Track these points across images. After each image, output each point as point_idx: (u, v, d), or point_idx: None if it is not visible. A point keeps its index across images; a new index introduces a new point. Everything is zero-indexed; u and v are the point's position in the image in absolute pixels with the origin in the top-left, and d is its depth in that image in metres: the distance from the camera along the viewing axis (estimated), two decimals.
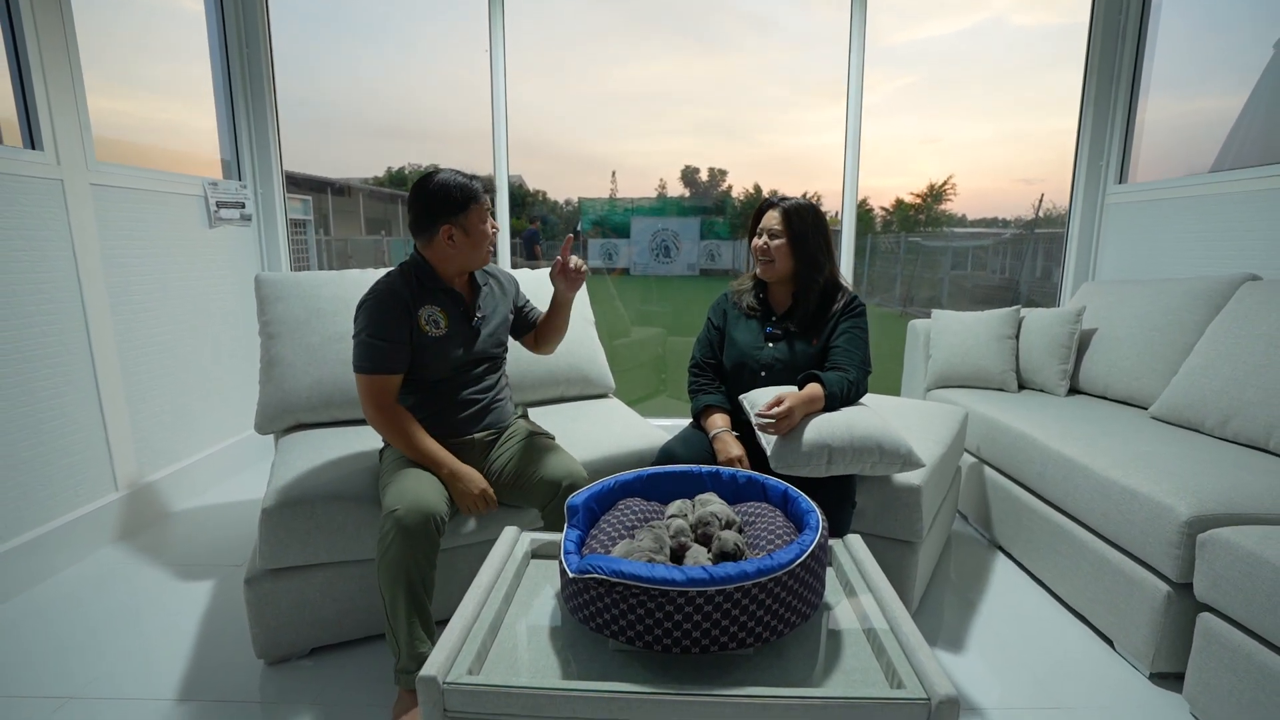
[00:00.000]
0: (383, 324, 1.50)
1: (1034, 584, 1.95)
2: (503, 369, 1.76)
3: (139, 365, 2.34)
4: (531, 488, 1.56)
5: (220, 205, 2.80)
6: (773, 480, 1.35)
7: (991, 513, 2.19)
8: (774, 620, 1.01)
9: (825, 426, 1.50)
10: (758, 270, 1.77)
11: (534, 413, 2.15)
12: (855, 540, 1.34)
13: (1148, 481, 1.53)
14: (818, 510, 1.20)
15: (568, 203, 4.77)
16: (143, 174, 2.38)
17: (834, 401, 1.58)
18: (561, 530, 1.23)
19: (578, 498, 1.28)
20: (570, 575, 1.05)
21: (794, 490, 1.30)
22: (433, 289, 1.57)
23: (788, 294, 1.78)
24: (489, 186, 1.57)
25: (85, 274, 2.10)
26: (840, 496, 1.52)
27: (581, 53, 4.29)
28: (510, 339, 1.79)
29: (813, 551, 1.06)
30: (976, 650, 1.65)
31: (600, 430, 1.98)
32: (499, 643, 1.06)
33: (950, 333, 2.62)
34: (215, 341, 2.74)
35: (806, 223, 1.68)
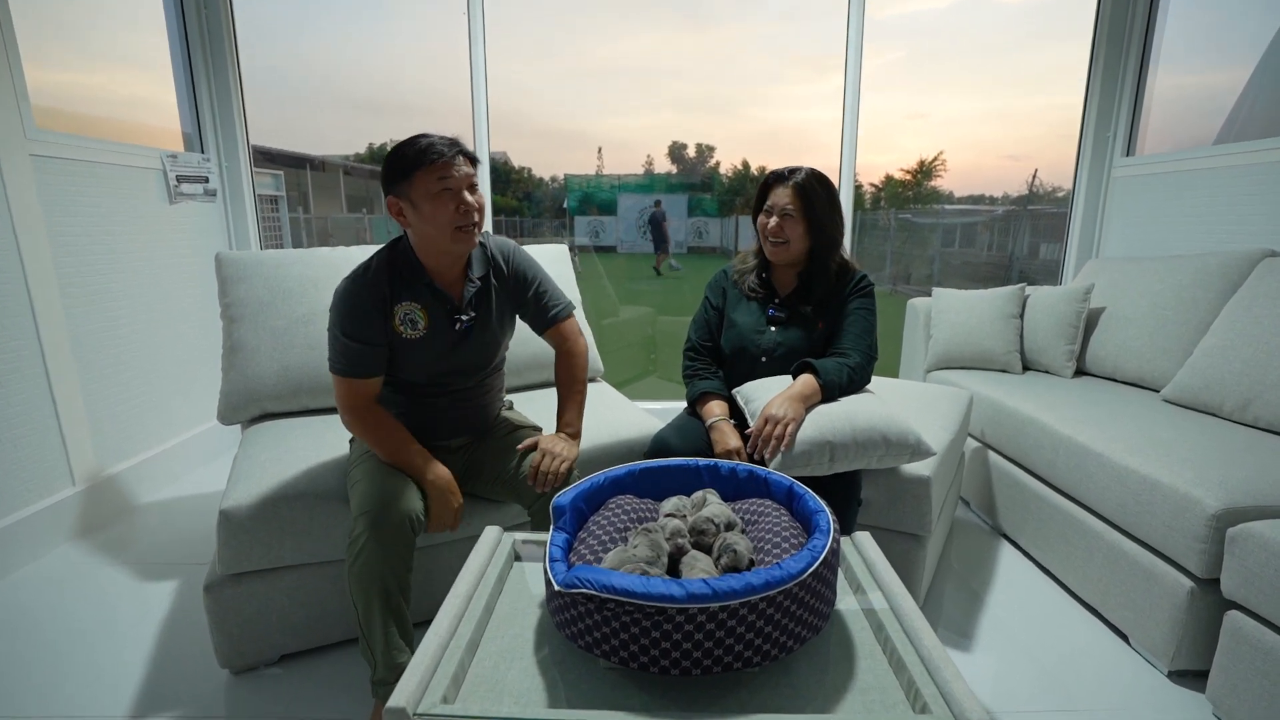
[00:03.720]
0: (355, 323, 1.31)
1: (1042, 575, 1.88)
2: (497, 372, 1.57)
3: (95, 351, 2.19)
4: (517, 483, 1.45)
5: (181, 179, 2.62)
6: (776, 475, 1.25)
7: (996, 500, 2.12)
8: (783, 636, 0.92)
9: (824, 421, 1.38)
10: (767, 252, 1.61)
11: (518, 399, 2.03)
12: (865, 539, 1.25)
13: (1169, 470, 1.44)
14: (827, 510, 1.10)
15: (554, 179, 4.65)
16: (91, 144, 2.20)
17: (832, 391, 1.45)
18: (549, 529, 1.13)
19: (564, 496, 1.17)
20: (556, 588, 0.94)
21: (800, 486, 1.20)
22: (413, 282, 1.36)
23: (793, 275, 1.65)
24: (455, 144, 1.28)
25: (28, 253, 1.93)
26: (845, 495, 1.42)
27: (565, 27, 4.19)
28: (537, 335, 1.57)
29: (824, 558, 0.96)
30: (984, 646, 1.58)
31: (589, 418, 1.85)
32: (478, 662, 0.96)
33: (952, 312, 2.52)
34: (180, 324, 2.59)
35: (821, 198, 1.53)
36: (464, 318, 1.40)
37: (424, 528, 1.32)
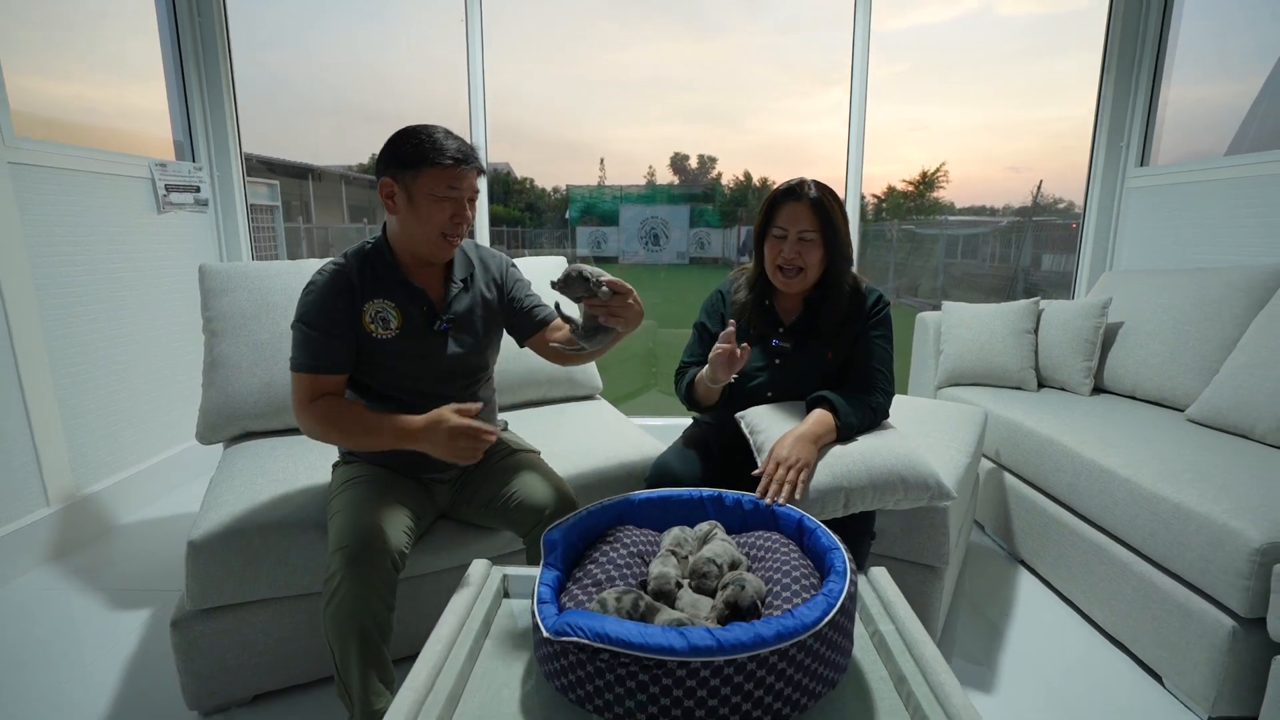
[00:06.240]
0: (318, 312, 1.24)
1: (1064, 606, 1.78)
2: (486, 383, 1.47)
3: (75, 366, 2.11)
4: (510, 511, 1.36)
5: (171, 189, 2.55)
6: (784, 507, 1.16)
7: (1013, 524, 2.02)
8: (795, 692, 0.82)
9: (838, 465, 1.26)
10: (778, 282, 1.43)
11: (514, 417, 1.95)
12: (881, 576, 1.15)
13: (1205, 499, 1.35)
14: (842, 547, 1.01)
15: (555, 190, 4.58)
16: (75, 152, 2.14)
17: (849, 433, 1.33)
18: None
19: (556, 530, 1.08)
20: (545, 635, 0.85)
21: (810, 520, 1.11)
22: (388, 279, 1.29)
23: (799, 299, 1.48)
24: (470, 158, 1.23)
25: (3, 264, 1.86)
26: (858, 529, 1.32)
27: (567, 37, 4.21)
28: (525, 347, 1.45)
29: (842, 605, 0.87)
30: (1006, 684, 1.47)
31: (587, 439, 1.77)
32: (459, 717, 0.87)
33: (963, 326, 2.43)
34: (166, 337, 2.51)
35: (837, 214, 1.39)
36: (444, 319, 1.33)
37: (408, 560, 1.23)
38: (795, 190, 1.39)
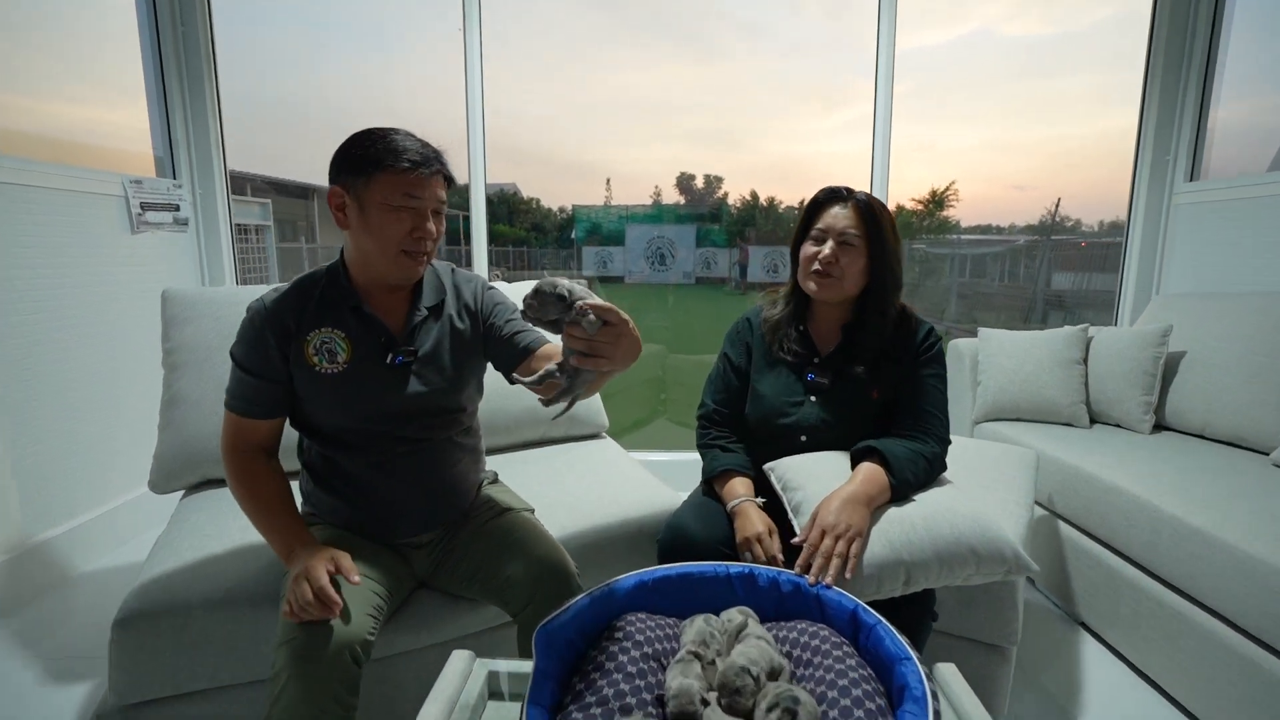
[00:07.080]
0: (247, 349, 1.10)
1: (1142, 683, 1.54)
2: (464, 428, 1.25)
3: (28, 399, 1.92)
4: (498, 587, 1.14)
5: (146, 207, 2.38)
6: (834, 592, 0.95)
7: (1071, 581, 1.79)
8: None
9: (896, 533, 1.05)
10: (810, 286, 1.25)
11: (508, 461, 1.74)
12: (952, 677, 0.93)
13: None
14: (915, 657, 0.79)
15: (561, 210, 4.55)
16: (35, 168, 1.97)
17: (905, 491, 1.13)
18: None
19: (553, 623, 0.87)
20: None
21: (868, 612, 0.89)
22: (339, 305, 1.11)
23: (837, 325, 1.30)
24: (431, 161, 1.05)
25: None
26: (916, 609, 1.10)
27: (575, 59, 4.21)
28: (515, 382, 1.19)
29: None
30: None
31: (592, 489, 1.56)
32: None
33: (1004, 355, 2.22)
34: (138, 369, 2.31)
35: (888, 225, 1.22)
36: (400, 354, 1.13)
37: (371, 653, 1.02)
38: (840, 192, 1.24)
